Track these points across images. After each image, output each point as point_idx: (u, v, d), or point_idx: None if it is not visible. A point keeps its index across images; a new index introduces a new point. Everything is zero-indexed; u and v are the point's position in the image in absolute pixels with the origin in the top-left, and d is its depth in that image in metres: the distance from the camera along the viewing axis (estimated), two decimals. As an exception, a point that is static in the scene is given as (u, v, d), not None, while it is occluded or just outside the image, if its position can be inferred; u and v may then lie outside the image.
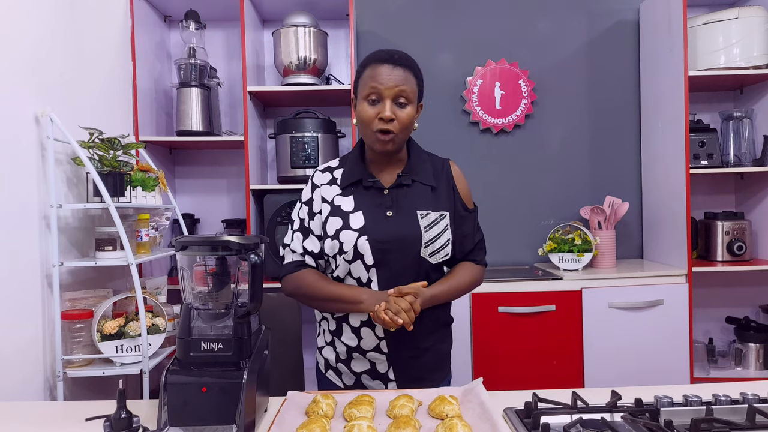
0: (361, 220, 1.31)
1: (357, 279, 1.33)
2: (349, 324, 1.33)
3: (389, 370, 1.34)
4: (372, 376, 1.36)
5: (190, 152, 2.81)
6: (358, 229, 1.30)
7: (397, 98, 1.27)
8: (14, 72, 1.61)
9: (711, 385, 1.24)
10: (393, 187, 1.35)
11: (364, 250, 1.29)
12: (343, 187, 1.35)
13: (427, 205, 1.34)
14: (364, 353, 1.33)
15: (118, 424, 0.97)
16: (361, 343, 1.33)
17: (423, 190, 1.35)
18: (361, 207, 1.32)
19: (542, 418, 1.02)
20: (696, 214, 2.65)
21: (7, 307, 1.55)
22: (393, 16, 2.83)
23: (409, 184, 1.35)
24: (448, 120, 2.84)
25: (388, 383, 1.35)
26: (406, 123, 1.29)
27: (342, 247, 1.30)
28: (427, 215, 1.33)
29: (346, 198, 1.34)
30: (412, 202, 1.33)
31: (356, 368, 1.36)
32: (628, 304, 2.32)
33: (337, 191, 1.36)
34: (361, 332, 1.32)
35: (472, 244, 1.43)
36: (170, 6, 2.63)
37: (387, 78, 1.26)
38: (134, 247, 1.91)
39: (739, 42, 2.43)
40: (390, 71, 1.27)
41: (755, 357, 2.54)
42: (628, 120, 2.86)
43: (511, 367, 2.31)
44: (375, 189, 1.34)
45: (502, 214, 2.83)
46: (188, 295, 1.10)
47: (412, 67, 1.30)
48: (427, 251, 1.32)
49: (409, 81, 1.28)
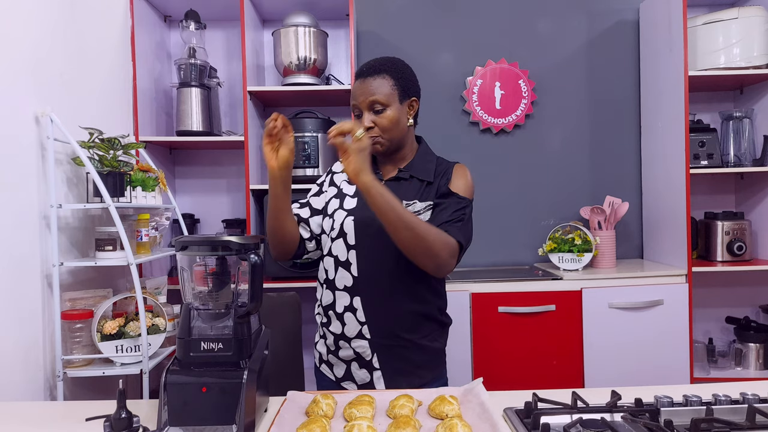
0: (353, 203, 1.41)
1: (335, 257, 1.39)
2: (335, 311, 1.38)
3: (373, 357, 1.37)
4: (359, 364, 1.39)
5: (190, 152, 2.81)
6: (348, 210, 1.40)
7: (372, 107, 1.36)
8: (14, 72, 1.60)
9: (711, 385, 1.24)
10: (391, 179, 1.43)
11: (347, 230, 1.37)
12: None
13: (415, 196, 1.39)
14: (349, 341, 1.38)
15: (118, 424, 0.97)
16: (344, 329, 1.37)
17: (417, 185, 1.41)
18: (358, 194, 1.41)
19: (542, 418, 1.02)
20: (696, 214, 2.65)
21: (7, 307, 1.55)
22: (393, 16, 2.83)
23: (406, 178, 1.42)
24: (448, 120, 2.84)
25: (374, 371, 1.38)
26: (386, 125, 1.37)
27: (333, 225, 1.40)
28: (413, 204, 1.37)
29: (351, 186, 1.45)
30: (403, 193, 1.39)
31: (344, 356, 1.40)
32: (628, 304, 2.32)
33: (345, 178, 1.47)
34: (345, 318, 1.37)
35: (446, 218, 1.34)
36: (170, 6, 2.63)
37: (360, 93, 1.37)
38: (134, 247, 1.91)
39: (739, 42, 2.43)
40: (361, 85, 1.37)
41: (755, 357, 2.54)
42: (628, 120, 2.86)
43: (511, 367, 2.31)
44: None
45: (502, 214, 2.83)
46: (188, 295, 1.10)
47: (387, 70, 1.37)
48: None
49: (381, 87, 1.36)
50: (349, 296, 1.36)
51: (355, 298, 1.36)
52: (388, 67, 1.38)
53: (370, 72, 1.37)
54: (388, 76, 1.36)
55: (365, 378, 1.39)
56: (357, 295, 1.36)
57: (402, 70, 1.39)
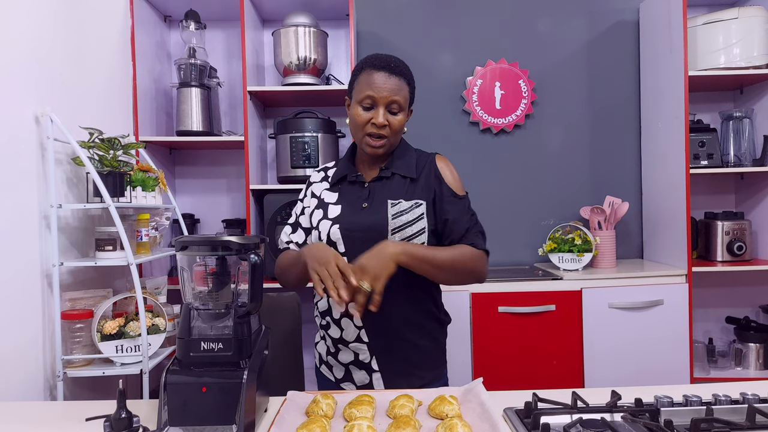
0: (338, 211, 1.38)
1: None
2: (332, 316, 1.38)
3: (372, 360, 1.36)
4: (358, 366, 1.39)
5: (190, 152, 2.81)
6: (333, 218, 1.37)
7: (389, 106, 1.33)
8: (14, 72, 1.61)
9: (711, 385, 1.24)
10: (373, 180, 1.40)
11: (336, 238, 1.35)
12: (332, 183, 1.44)
13: (400, 194, 1.36)
14: (347, 344, 1.37)
15: (118, 424, 0.97)
16: (343, 334, 1.37)
17: (401, 182, 1.38)
18: (342, 201, 1.40)
19: (542, 418, 1.02)
20: (696, 214, 2.65)
21: (7, 307, 1.55)
22: (393, 16, 2.83)
23: (388, 176, 1.39)
24: (448, 120, 2.84)
25: (373, 374, 1.37)
26: (397, 128, 1.35)
27: (320, 236, 1.38)
28: (398, 203, 1.35)
29: (333, 193, 1.42)
30: (387, 192, 1.37)
31: (343, 359, 1.40)
32: (628, 304, 2.32)
33: (325, 186, 1.45)
34: (342, 323, 1.36)
35: (464, 228, 1.37)
36: (170, 6, 2.63)
37: (382, 86, 1.32)
38: (134, 247, 1.91)
39: (739, 42, 2.43)
40: (385, 80, 1.32)
41: (755, 357, 2.54)
42: (628, 120, 2.86)
43: (511, 367, 2.31)
44: (358, 183, 1.42)
45: (502, 214, 2.83)
46: (188, 295, 1.10)
47: (406, 75, 1.36)
48: (395, 238, 1.32)
49: (402, 90, 1.34)
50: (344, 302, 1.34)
51: (350, 303, 1.30)
52: (406, 72, 1.36)
53: (395, 70, 1.33)
54: (405, 80, 1.35)
55: (364, 379, 1.38)
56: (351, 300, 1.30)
57: (413, 78, 1.39)
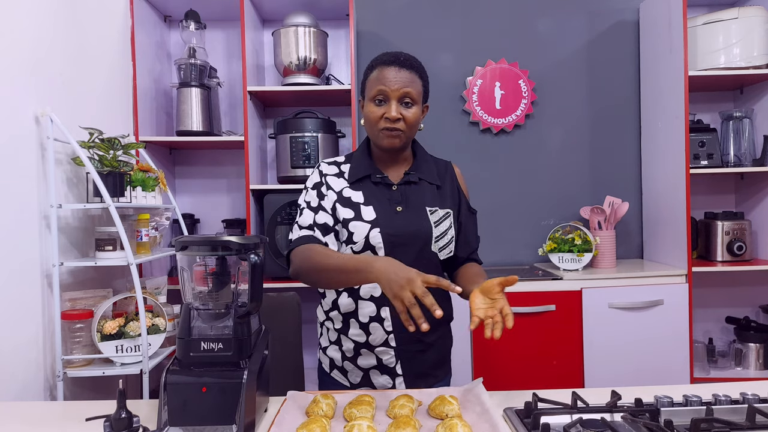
0: (372, 213, 1.32)
1: None
2: (358, 320, 1.33)
3: (397, 365, 1.34)
4: (381, 371, 1.36)
5: (190, 152, 2.81)
6: (370, 221, 1.31)
7: (402, 99, 1.31)
8: (14, 72, 1.61)
9: (711, 385, 1.24)
10: (401, 183, 1.38)
11: (375, 242, 1.30)
12: (352, 181, 1.37)
13: (434, 202, 1.38)
14: (372, 348, 1.34)
15: (118, 424, 0.97)
16: (369, 338, 1.33)
17: (429, 188, 1.40)
18: (371, 201, 1.34)
19: (542, 418, 1.02)
20: (696, 214, 2.65)
21: (7, 307, 1.55)
22: (393, 16, 2.83)
23: (416, 181, 1.39)
24: (448, 120, 2.84)
25: (396, 378, 1.35)
26: (412, 122, 1.32)
27: (351, 237, 1.31)
28: (435, 211, 1.37)
29: (356, 192, 1.36)
30: (420, 198, 1.37)
31: (363, 364, 1.36)
32: (628, 304, 2.32)
33: (344, 184, 1.37)
34: (370, 328, 1.32)
35: (477, 244, 1.49)
36: (170, 6, 2.63)
37: (393, 79, 1.30)
38: (134, 247, 1.91)
39: (739, 42, 2.43)
40: (396, 73, 1.31)
41: (755, 357, 2.54)
42: (628, 120, 2.86)
43: (511, 367, 2.30)
44: (383, 185, 1.37)
45: (502, 214, 2.83)
46: (188, 295, 1.10)
47: (418, 69, 1.35)
48: (437, 246, 1.36)
49: (414, 82, 1.32)
50: (376, 306, 1.31)
51: (383, 308, 1.31)
52: (418, 66, 1.35)
53: (405, 64, 1.32)
54: (417, 74, 1.34)
55: (386, 384, 1.36)
56: (386, 305, 1.31)
57: (425, 72, 1.38)
